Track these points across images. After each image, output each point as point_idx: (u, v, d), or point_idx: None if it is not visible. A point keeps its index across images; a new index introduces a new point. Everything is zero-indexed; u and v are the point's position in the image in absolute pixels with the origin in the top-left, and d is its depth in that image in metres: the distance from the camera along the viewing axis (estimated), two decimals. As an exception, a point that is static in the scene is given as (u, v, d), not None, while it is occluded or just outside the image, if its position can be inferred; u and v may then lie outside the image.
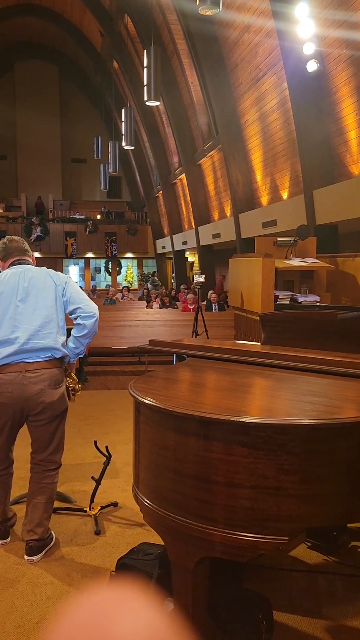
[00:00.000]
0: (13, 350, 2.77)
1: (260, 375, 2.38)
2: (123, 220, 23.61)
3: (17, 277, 2.89)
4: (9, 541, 3.06)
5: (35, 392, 2.80)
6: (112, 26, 18.16)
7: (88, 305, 2.93)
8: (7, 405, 2.81)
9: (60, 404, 2.91)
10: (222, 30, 11.36)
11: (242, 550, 1.71)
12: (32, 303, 2.85)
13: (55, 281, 2.94)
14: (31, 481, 3.01)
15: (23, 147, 26.61)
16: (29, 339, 2.79)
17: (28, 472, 3.06)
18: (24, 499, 3.43)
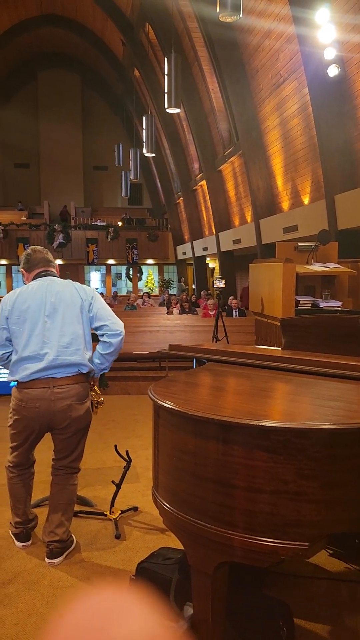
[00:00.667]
0: (42, 367, 2.81)
1: (280, 380, 2.37)
2: (144, 226, 23.74)
3: (43, 291, 2.89)
4: (30, 544, 3.09)
5: (62, 408, 2.84)
6: (133, 35, 18.34)
7: (115, 323, 2.93)
8: (34, 419, 2.86)
9: (85, 418, 2.96)
10: (243, 36, 11.39)
11: (261, 556, 1.70)
12: (60, 319, 2.85)
13: (82, 296, 2.93)
14: (52, 483, 3.05)
15: (46, 155, 27.01)
16: (58, 355, 2.82)
17: (49, 475, 3.09)
18: (46, 502, 3.46)
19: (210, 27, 11.80)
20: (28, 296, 2.88)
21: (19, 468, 3.04)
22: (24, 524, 3.08)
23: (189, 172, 18.97)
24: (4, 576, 2.80)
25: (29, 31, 21.84)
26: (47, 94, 26.74)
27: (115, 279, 24.09)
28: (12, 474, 3.05)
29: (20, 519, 3.07)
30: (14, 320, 2.87)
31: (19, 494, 3.06)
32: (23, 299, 2.89)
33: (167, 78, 10.53)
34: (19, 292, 2.94)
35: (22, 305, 2.87)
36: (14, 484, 3.05)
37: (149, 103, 20.34)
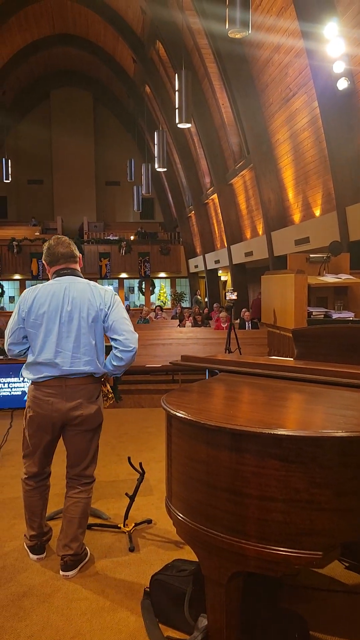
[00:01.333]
0: (55, 375, 2.85)
1: (293, 390, 2.37)
2: (156, 240, 23.88)
3: (60, 295, 2.86)
4: (44, 556, 3.08)
5: (72, 406, 2.86)
6: (144, 52, 18.62)
7: (127, 339, 2.87)
8: (47, 416, 2.87)
9: (96, 417, 2.95)
10: (252, 51, 11.52)
11: (275, 565, 1.70)
12: (75, 329, 2.85)
13: (99, 304, 2.88)
14: (66, 496, 3.04)
15: (59, 171, 27.39)
16: (71, 365, 2.84)
17: (64, 488, 3.10)
18: (60, 514, 3.46)
19: (219, 43, 11.95)
20: (45, 300, 2.86)
21: (35, 479, 3.03)
22: (38, 537, 3.07)
23: (200, 186, 19.10)
24: (19, 589, 2.80)
25: (42, 50, 22.27)
26: (60, 111, 27.20)
27: (128, 292, 24.21)
28: (28, 486, 3.04)
29: (35, 532, 3.06)
30: (30, 323, 2.87)
31: (34, 507, 3.05)
32: (40, 302, 2.86)
33: (177, 94, 10.66)
34: (37, 294, 2.90)
35: (39, 309, 2.86)
36: (30, 496, 3.04)
37: (160, 119, 20.58)
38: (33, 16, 19.54)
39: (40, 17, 19.99)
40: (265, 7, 10.27)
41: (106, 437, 5.76)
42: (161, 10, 14.82)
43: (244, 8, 6.28)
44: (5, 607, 2.64)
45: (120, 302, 2.99)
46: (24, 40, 20.95)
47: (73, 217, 26.37)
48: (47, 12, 19.86)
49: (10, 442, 5.51)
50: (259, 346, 8.38)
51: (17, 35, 20.13)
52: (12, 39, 20.12)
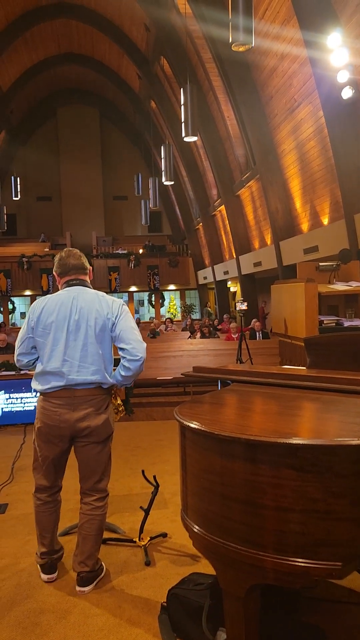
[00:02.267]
0: (63, 384, 2.84)
1: (306, 399, 2.35)
2: (164, 253, 23.97)
3: (68, 305, 2.87)
4: (55, 576, 3.02)
5: (80, 417, 2.84)
6: (148, 68, 18.84)
7: (135, 348, 2.85)
8: (55, 427, 2.86)
9: (104, 428, 2.92)
10: (256, 63, 11.61)
11: (293, 577, 1.67)
12: (82, 338, 2.84)
13: (107, 314, 2.88)
14: (81, 512, 3.01)
15: (67, 187, 27.65)
16: (78, 375, 2.83)
17: (77, 503, 3.08)
18: (74, 530, 3.45)
19: (223, 56, 12.06)
20: (54, 310, 2.87)
21: (46, 493, 3.00)
22: (49, 554, 3.02)
23: (207, 198, 19.18)
24: (35, 605, 2.78)
25: (48, 69, 22.59)
26: (66, 128, 27.53)
27: (137, 305, 24.27)
28: (39, 500, 3.01)
29: (46, 549, 3.01)
30: (39, 332, 2.88)
31: (45, 523, 3.01)
32: (49, 312, 2.88)
33: (183, 108, 10.76)
34: (46, 304, 2.91)
35: (47, 318, 2.87)
36: (41, 511, 3.01)
37: (166, 133, 20.75)
38: (39, 36, 19.86)
39: (46, 37, 20.32)
40: (268, 18, 10.37)
41: (119, 450, 5.75)
42: (165, 25, 15.01)
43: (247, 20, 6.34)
44: (22, 623, 2.62)
45: (128, 312, 2.98)
46: (31, 60, 21.28)
47: (82, 233, 26.55)
48: (52, 32, 20.18)
49: (24, 457, 5.51)
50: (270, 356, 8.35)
51: (24, 55, 20.46)
52: (20, 59, 20.45)
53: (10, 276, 21.83)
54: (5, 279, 21.80)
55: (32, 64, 21.57)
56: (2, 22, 17.39)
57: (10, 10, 17.14)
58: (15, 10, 17.41)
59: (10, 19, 17.57)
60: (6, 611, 2.73)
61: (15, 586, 2.98)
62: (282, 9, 9.85)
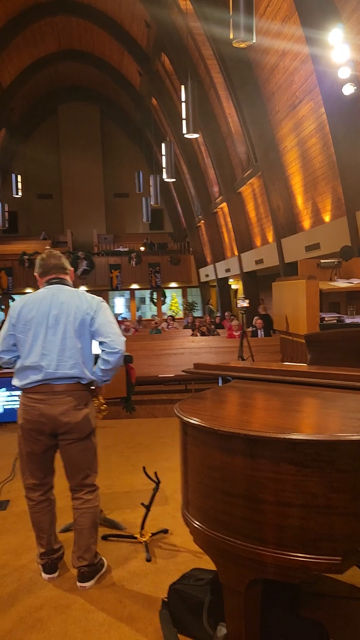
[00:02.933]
0: (41, 378, 2.85)
1: (307, 395, 2.35)
2: (166, 251, 23.96)
3: (48, 301, 2.91)
4: (56, 576, 3.03)
5: (59, 412, 2.85)
6: (149, 65, 18.80)
7: (113, 341, 2.88)
8: (35, 422, 2.86)
9: (84, 424, 2.91)
10: (257, 60, 11.58)
11: (293, 571, 1.68)
12: (61, 332, 2.87)
13: (86, 309, 2.91)
14: (73, 508, 3.01)
15: (67, 185, 27.64)
16: (57, 368, 2.84)
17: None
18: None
19: (224, 53, 12.03)
20: (33, 306, 2.91)
21: (37, 493, 2.99)
22: (48, 554, 3.02)
23: (208, 195, 19.15)
24: (36, 600, 2.79)
25: (48, 66, 22.56)
26: (67, 126, 27.50)
27: (139, 303, 24.27)
28: (32, 502, 3.00)
29: (45, 549, 3.01)
30: (19, 328, 2.91)
31: (41, 523, 3.00)
32: (29, 308, 2.91)
33: (184, 105, 10.73)
34: (26, 301, 2.96)
35: (27, 314, 2.90)
36: (34, 512, 3.00)
37: (167, 130, 20.71)
38: (39, 33, 19.83)
39: (46, 34, 20.28)
40: (269, 15, 10.34)
41: (120, 447, 5.76)
42: (165, 22, 14.97)
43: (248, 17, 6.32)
44: (23, 619, 2.63)
45: (107, 307, 3.02)
46: (31, 57, 21.25)
47: (83, 230, 26.56)
48: (53, 29, 20.15)
49: (25, 454, 5.52)
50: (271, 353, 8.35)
51: (24, 52, 20.43)
52: (20, 56, 20.42)
53: (11, 274, 21.85)
54: (7, 277, 21.82)
55: (33, 61, 21.53)
56: (2, 19, 17.37)
57: (10, 7, 17.12)
58: (15, 7, 17.38)
59: (11, 15, 17.55)
60: (8, 606, 2.74)
61: (16, 582, 2.99)
62: (283, 5, 9.82)
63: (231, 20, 6.38)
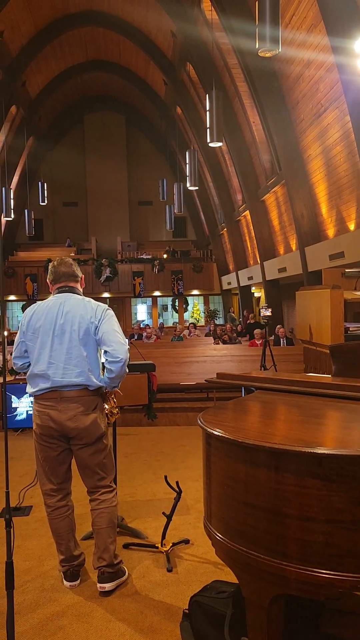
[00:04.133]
0: (49, 386, 2.91)
1: (331, 407, 2.33)
2: (189, 258, 24.00)
3: (55, 310, 2.96)
4: (78, 583, 3.03)
5: (67, 418, 2.89)
6: (174, 75, 18.92)
7: (115, 350, 2.89)
8: (46, 428, 2.92)
9: (93, 429, 2.94)
10: (282, 69, 11.57)
11: (317, 588, 1.65)
12: (66, 341, 2.91)
13: (90, 318, 2.94)
14: (91, 509, 3.04)
15: (93, 193, 27.93)
16: (63, 376, 2.89)
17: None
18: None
19: (249, 62, 12.05)
20: (42, 314, 2.97)
21: (54, 499, 3.02)
22: (68, 561, 3.03)
23: (232, 203, 19.15)
24: (57, 607, 2.81)
25: (75, 77, 22.89)
26: (93, 134, 27.83)
27: (161, 310, 24.34)
28: (49, 508, 3.03)
29: (64, 556, 3.03)
30: (29, 336, 2.98)
31: (59, 530, 3.02)
32: (37, 316, 2.98)
33: (208, 114, 10.77)
34: (36, 309, 3.02)
35: (36, 323, 2.96)
36: (53, 518, 3.03)
37: (191, 138, 20.80)
38: (67, 44, 20.14)
39: (74, 45, 20.59)
40: (295, 24, 10.34)
41: (142, 455, 5.76)
42: (191, 32, 15.07)
43: (274, 27, 6.33)
44: (45, 625, 2.65)
45: (112, 315, 3.03)
46: (58, 67, 21.59)
47: (107, 238, 26.79)
48: (80, 40, 20.45)
49: (48, 460, 5.56)
50: (294, 363, 8.28)
51: (52, 62, 20.78)
52: (48, 67, 20.77)
53: (36, 280, 22.12)
54: (32, 283, 22.10)
55: (60, 71, 21.88)
56: (31, 31, 17.70)
57: (39, 18, 17.44)
58: (44, 19, 17.70)
59: (40, 27, 17.87)
60: (30, 612, 2.76)
61: (38, 588, 3.01)
62: (309, 14, 9.81)
63: (257, 30, 6.39)
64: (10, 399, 6.22)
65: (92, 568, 3.07)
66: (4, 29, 16.10)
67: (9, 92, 18.36)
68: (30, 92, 21.05)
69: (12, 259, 23.71)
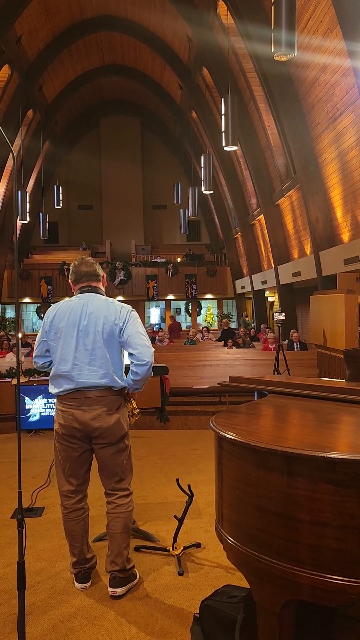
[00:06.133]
0: (73, 387, 2.91)
1: (345, 412, 2.31)
2: (202, 262, 24.01)
3: (78, 311, 2.95)
4: (89, 585, 3.03)
5: (91, 418, 2.90)
6: (190, 79, 18.99)
7: (141, 353, 2.88)
8: (69, 428, 2.92)
9: (116, 429, 2.94)
10: (298, 73, 11.55)
11: (330, 594, 1.64)
12: (90, 342, 2.91)
13: (115, 319, 2.93)
14: (106, 512, 3.04)
15: (108, 196, 28.09)
16: (87, 378, 2.89)
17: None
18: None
19: (265, 66, 12.04)
20: (65, 314, 2.96)
21: (71, 500, 3.02)
22: (81, 563, 3.03)
23: (246, 207, 19.13)
24: (68, 609, 2.81)
25: (92, 81, 23.05)
26: (108, 138, 28.01)
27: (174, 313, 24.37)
28: (65, 509, 3.03)
29: (77, 558, 3.02)
30: (51, 335, 2.98)
31: (73, 532, 3.02)
32: (60, 316, 2.97)
33: (224, 118, 10.79)
34: (59, 308, 3.02)
35: (59, 323, 2.96)
36: (68, 520, 3.02)
37: (206, 142, 20.84)
38: (84, 48, 20.31)
39: (90, 49, 20.75)
40: (311, 28, 10.32)
41: (154, 458, 5.76)
42: (207, 36, 15.11)
43: (290, 31, 6.32)
44: (56, 627, 2.65)
45: (137, 317, 3.02)
46: (75, 71, 21.77)
47: (121, 241, 26.91)
48: (97, 44, 20.60)
49: (61, 462, 5.58)
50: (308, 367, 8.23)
51: (69, 67, 20.96)
52: (65, 71, 20.95)
53: (51, 283, 22.27)
54: (47, 286, 22.25)
55: (77, 75, 22.06)
56: (48, 35, 17.87)
57: (56, 23, 17.61)
58: (62, 24, 17.86)
59: (57, 32, 18.04)
60: (41, 614, 2.77)
61: (50, 589, 3.02)
62: (325, 18, 9.78)
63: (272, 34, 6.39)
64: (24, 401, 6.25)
65: (103, 570, 3.07)
66: (22, 34, 16.28)
67: (26, 96, 18.54)
68: (47, 96, 21.25)
69: (27, 262, 23.90)
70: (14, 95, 17.75)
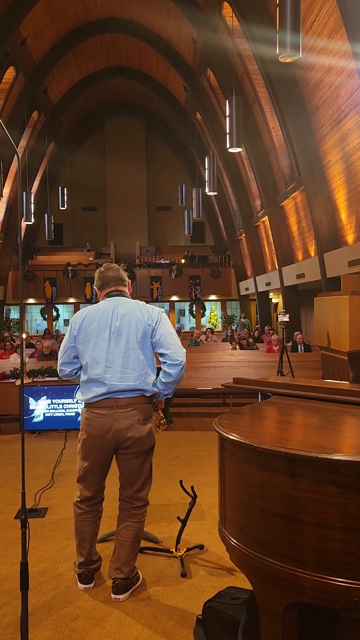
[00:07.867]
0: (105, 391, 2.86)
1: (349, 414, 2.30)
2: (206, 263, 24.01)
3: (109, 313, 2.92)
4: (92, 586, 3.03)
5: (124, 427, 2.85)
6: (195, 81, 19.00)
7: (175, 352, 2.87)
8: (99, 437, 2.88)
9: (147, 439, 2.93)
10: (303, 75, 11.55)
11: (333, 596, 1.63)
12: (123, 344, 2.87)
13: (147, 320, 2.92)
14: (119, 518, 3.02)
15: (112, 198, 28.15)
16: (120, 380, 2.85)
17: (116, 510, 3.09)
18: (112, 537, 3.47)
19: (270, 68, 12.04)
20: (95, 317, 2.92)
21: (88, 503, 3.01)
22: (87, 564, 3.03)
23: (250, 209, 19.12)
24: (72, 610, 2.81)
25: (96, 82, 23.10)
26: (113, 140, 28.07)
27: (178, 315, 24.36)
28: (80, 510, 3.02)
29: (84, 559, 3.02)
30: (80, 340, 2.93)
31: (85, 532, 3.01)
32: (90, 320, 2.93)
33: (228, 119, 10.79)
34: (87, 312, 2.98)
35: (88, 326, 2.92)
36: (81, 520, 3.02)
37: (210, 144, 20.85)
38: (89, 50, 20.35)
39: (95, 51, 20.80)
40: (315, 30, 10.31)
41: (158, 460, 5.76)
42: (211, 38, 15.12)
43: (295, 32, 6.32)
44: (59, 628, 2.65)
45: (167, 318, 3.02)
46: (80, 73, 21.82)
47: (125, 242, 26.95)
48: (101, 46, 20.64)
49: (64, 463, 5.60)
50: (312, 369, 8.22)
51: (73, 69, 21.01)
52: (69, 73, 21.01)
53: (55, 284, 22.31)
54: (51, 287, 22.29)
55: (82, 77, 22.11)
56: (54, 37, 17.92)
57: (61, 25, 17.65)
58: (67, 26, 17.91)
59: (62, 34, 18.09)
60: (45, 615, 2.77)
61: (53, 590, 3.02)
62: (330, 20, 9.78)
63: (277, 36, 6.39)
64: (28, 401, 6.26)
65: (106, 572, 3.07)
66: (27, 36, 16.33)
67: (31, 98, 18.59)
68: (52, 98, 21.31)
69: (31, 263, 23.96)
70: (19, 97, 17.79)
